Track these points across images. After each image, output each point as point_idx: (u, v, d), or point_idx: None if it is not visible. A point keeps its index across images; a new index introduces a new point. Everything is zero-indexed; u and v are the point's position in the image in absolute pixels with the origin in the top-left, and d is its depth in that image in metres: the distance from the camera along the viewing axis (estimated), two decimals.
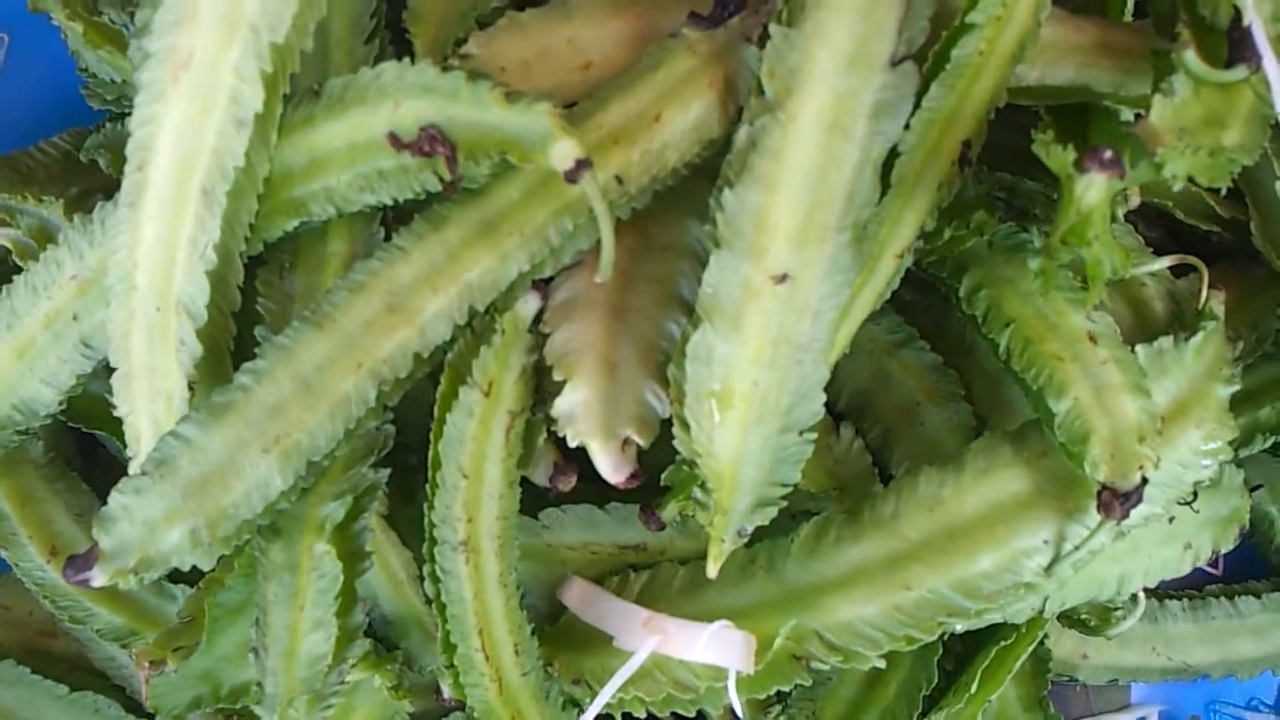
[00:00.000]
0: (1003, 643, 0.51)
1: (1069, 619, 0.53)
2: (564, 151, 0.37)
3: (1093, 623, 0.53)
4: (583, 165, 0.37)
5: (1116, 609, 0.53)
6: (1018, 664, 0.51)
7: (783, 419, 0.40)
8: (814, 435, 0.41)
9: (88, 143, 0.54)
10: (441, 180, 0.39)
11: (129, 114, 0.55)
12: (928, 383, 0.49)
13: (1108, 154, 0.35)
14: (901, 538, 0.44)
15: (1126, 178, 0.35)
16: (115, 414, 0.46)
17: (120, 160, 0.52)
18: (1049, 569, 0.43)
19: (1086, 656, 0.59)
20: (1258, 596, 0.58)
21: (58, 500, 0.52)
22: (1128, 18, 0.46)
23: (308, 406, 0.40)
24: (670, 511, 0.43)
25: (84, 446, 0.55)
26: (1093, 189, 0.35)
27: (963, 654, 0.53)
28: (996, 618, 0.46)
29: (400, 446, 0.45)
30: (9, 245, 0.52)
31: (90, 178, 0.55)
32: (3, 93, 0.61)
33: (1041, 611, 0.48)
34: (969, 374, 0.50)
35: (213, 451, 0.40)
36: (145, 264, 0.42)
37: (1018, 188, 0.49)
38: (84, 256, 0.45)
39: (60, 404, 0.49)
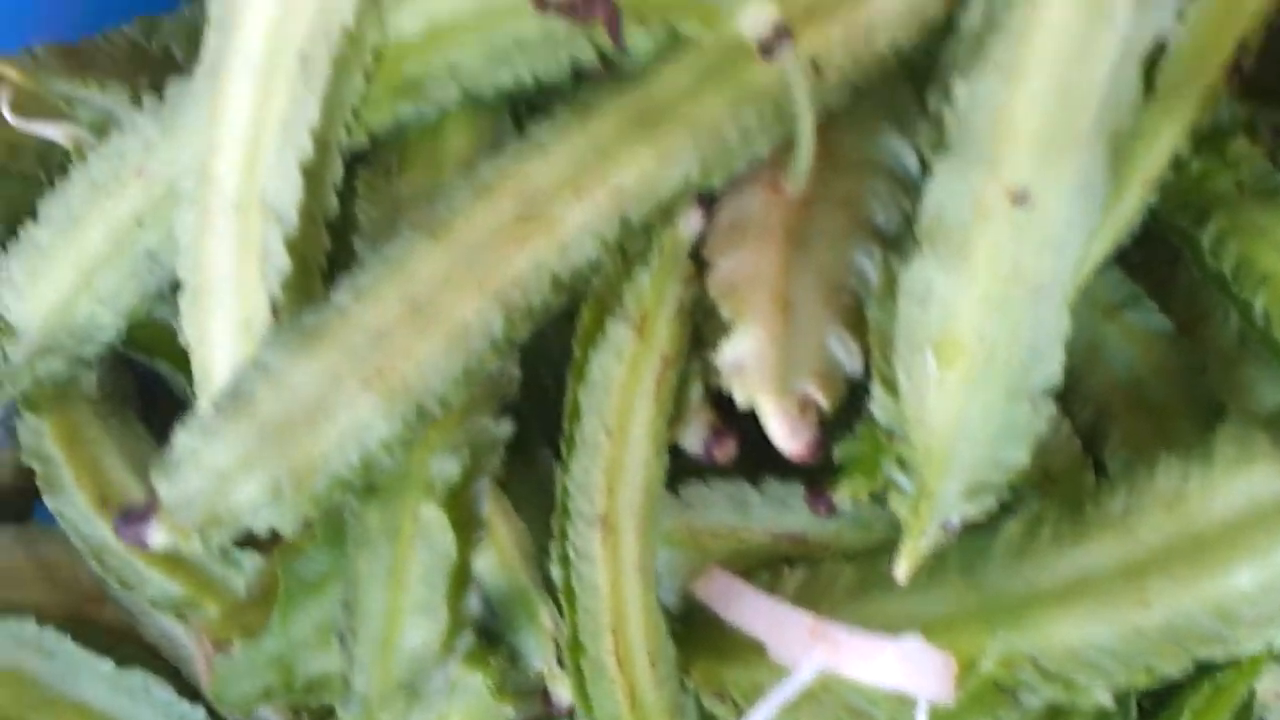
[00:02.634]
0: (1216, 675, 0.42)
1: None
2: (759, 15, 0.29)
3: None
4: (782, 34, 0.29)
5: None
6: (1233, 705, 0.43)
7: (1013, 380, 0.32)
8: (1050, 405, 0.32)
9: (164, 26, 0.47)
10: (599, 53, 0.31)
11: None
12: (1156, 353, 0.40)
13: None
14: (1136, 541, 0.35)
15: None
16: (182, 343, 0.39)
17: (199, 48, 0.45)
18: None
19: None
20: None
21: (111, 442, 0.45)
22: None
23: (419, 333, 0.32)
24: (847, 493, 0.35)
25: (144, 384, 0.48)
26: None
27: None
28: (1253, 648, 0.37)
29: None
30: (65, 143, 0.45)
31: (163, 71, 0.48)
32: None
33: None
34: (1204, 342, 0.41)
35: (301, 385, 0.32)
36: (226, 149, 0.34)
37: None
38: (154, 147, 0.38)
39: (120, 330, 0.42)
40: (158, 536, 0.32)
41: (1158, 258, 0.41)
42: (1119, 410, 0.41)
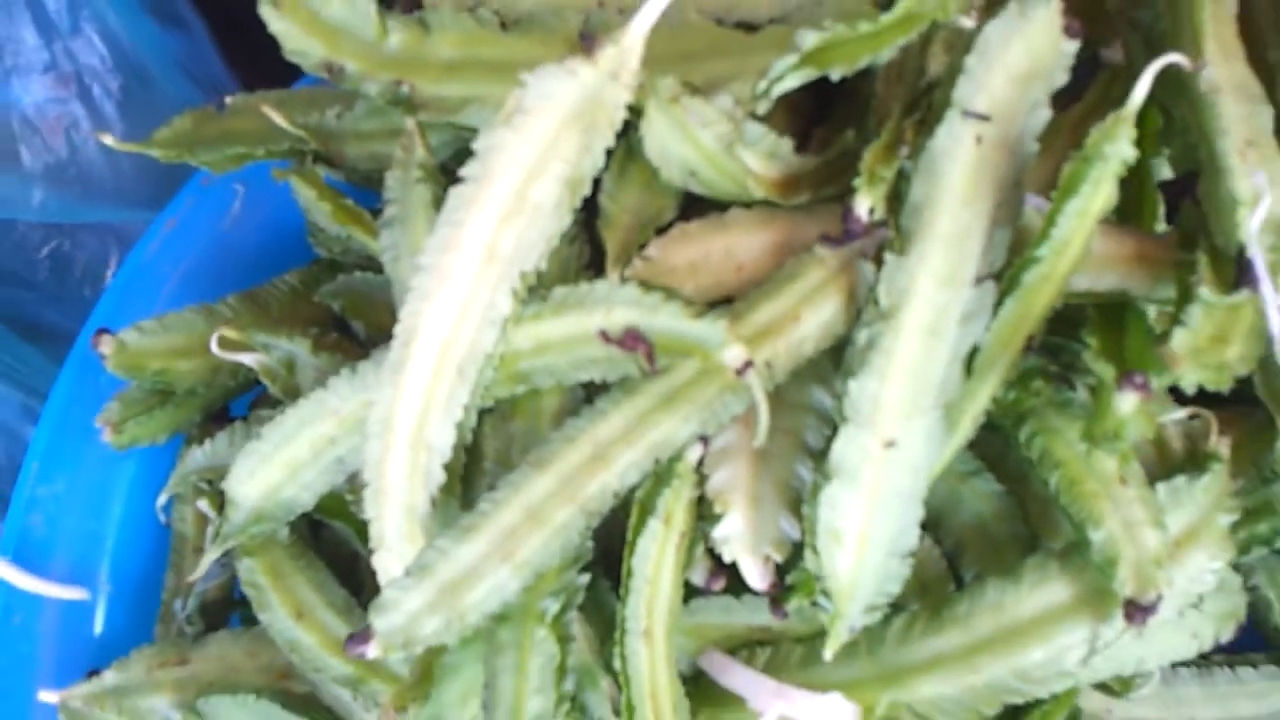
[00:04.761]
0: (1043, 705, 0.64)
1: (1097, 684, 0.66)
2: (734, 354, 0.51)
3: (1117, 688, 0.65)
4: (749, 365, 0.51)
5: (1136, 677, 0.66)
6: None
7: (889, 547, 0.53)
8: (911, 560, 0.54)
9: (323, 289, 0.68)
10: (641, 370, 0.52)
11: (355, 265, 0.69)
12: (993, 506, 0.62)
13: (1139, 379, 0.47)
14: (972, 634, 0.56)
15: (1152, 390, 0.48)
16: (355, 512, 0.60)
17: (355, 307, 0.66)
18: (1084, 661, 0.56)
19: (1111, 712, 0.71)
20: (1255, 666, 0.69)
21: (300, 574, 0.65)
22: (1160, 227, 0.59)
23: (534, 530, 0.53)
24: (793, 605, 0.57)
25: (313, 524, 0.69)
26: (1126, 402, 0.48)
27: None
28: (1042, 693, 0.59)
29: None
30: (257, 368, 0.66)
31: (318, 312, 0.69)
32: (239, 235, 0.75)
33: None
34: (1024, 497, 0.62)
35: (462, 561, 0.53)
36: (404, 416, 0.55)
37: (1065, 348, 0.62)
38: (345, 399, 0.59)
39: (312, 505, 0.63)
40: (373, 651, 0.53)
41: (996, 440, 0.63)
42: (970, 541, 0.62)
